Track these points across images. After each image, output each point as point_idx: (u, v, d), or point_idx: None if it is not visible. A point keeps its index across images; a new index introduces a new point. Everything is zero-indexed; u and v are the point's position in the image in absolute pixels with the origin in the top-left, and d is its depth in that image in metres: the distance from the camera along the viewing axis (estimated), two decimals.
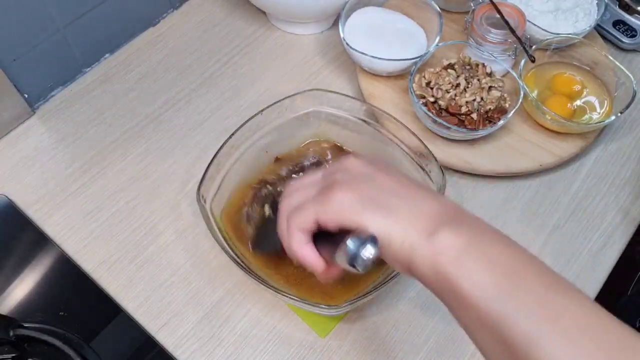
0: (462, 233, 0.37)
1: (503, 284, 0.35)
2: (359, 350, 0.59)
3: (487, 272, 0.35)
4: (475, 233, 0.38)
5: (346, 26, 0.76)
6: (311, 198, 0.42)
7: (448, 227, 0.37)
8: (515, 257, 0.37)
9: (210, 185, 0.61)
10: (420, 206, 0.39)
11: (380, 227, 0.39)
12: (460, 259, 0.36)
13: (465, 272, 0.36)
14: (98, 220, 0.67)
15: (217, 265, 0.64)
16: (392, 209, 0.39)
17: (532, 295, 0.34)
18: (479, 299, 0.35)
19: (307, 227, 0.42)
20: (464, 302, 0.36)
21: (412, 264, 0.38)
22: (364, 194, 0.40)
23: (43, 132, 0.74)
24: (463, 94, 0.68)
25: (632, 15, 0.82)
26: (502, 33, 0.72)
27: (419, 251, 0.37)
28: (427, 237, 0.37)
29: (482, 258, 0.36)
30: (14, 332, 0.56)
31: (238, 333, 0.60)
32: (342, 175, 0.42)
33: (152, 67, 0.80)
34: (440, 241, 0.37)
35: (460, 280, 0.36)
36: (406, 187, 0.41)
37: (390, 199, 0.40)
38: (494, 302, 0.34)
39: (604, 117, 0.72)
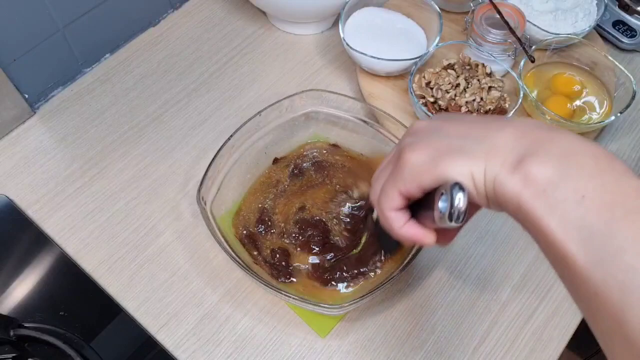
0: (550, 160, 0.33)
1: (595, 222, 0.30)
2: (359, 350, 0.59)
3: (578, 209, 0.31)
4: (566, 159, 0.33)
5: (346, 26, 0.76)
6: (389, 176, 0.40)
7: (534, 157, 0.33)
8: (620, 187, 0.31)
9: (210, 186, 0.61)
10: (499, 140, 0.35)
11: (460, 171, 0.35)
12: (547, 190, 0.32)
13: (553, 210, 0.31)
14: (98, 220, 0.67)
15: (217, 265, 0.64)
16: (467, 151, 0.36)
17: (630, 239, 0.29)
18: (566, 240, 0.31)
19: (397, 205, 0.40)
20: (550, 243, 0.32)
21: (502, 200, 0.35)
22: (433, 148, 0.37)
23: (43, 132, 0.74)
24: (463, 94, 0.68)
25: (632, 15, 0.82)
26: (501, 33, 0.72)
27: (505, 186, 0.34)
28: (511, 169, 0.34)
29: (572, 191, 0.31)
30: (14, 332, 0.57)
31: (238, 333, 0.60)
32: (408, 139, 0.39)
33: (152, 67, 0.80)
34: (526, 173, 0.33)
35: (547, 219, 0.31)
36: (478, 127, 0.37)
37: (462, 143, 0.36)
38: (587, 244, 0.30)
39: (603, 117, 0.72)
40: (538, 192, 0.32)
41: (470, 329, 0.60)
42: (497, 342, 0.60)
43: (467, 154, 0.36)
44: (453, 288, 0.63)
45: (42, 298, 0.62)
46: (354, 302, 0.54)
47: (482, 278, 0.63)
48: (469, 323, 0.61)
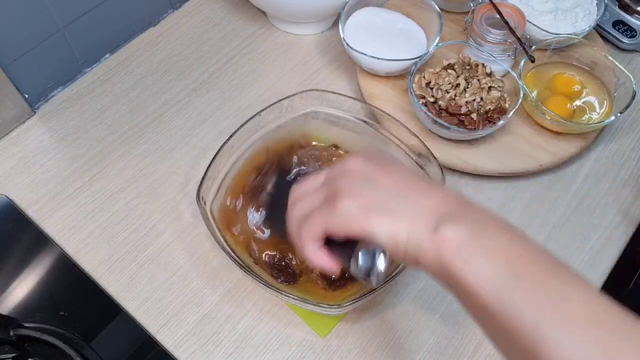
0: (463, 226, 0.37)
1: (504, 273, 0.35)
2: (359, 350, 0.59)
3: (488, 263, 0.36)
4: (477, 224, 0.38)
5: (346, 26, 0.76)
6: (317, 207, 0.43)
7: (449, 221, 0.38)
8: (517, 246, 0.37)
9: (210, 187, 0.61)
10: (422, 203, 0.40)
11: (386, 231, 0.39)
12: (461, 251, 0.37)
13: (467, 264, 0.36)
14: (98, 220, 0.67)
15: (217, 265, 0.64)
16: (395, 211, 0.40)
17: (533, 284, 0.35)
18: (482, 290, 0.35)
19: (317, 237, 0.43)
20: (469, 294, 0.36)
21: (419, 259, 0.39)
22: (366, 201, 0.41)
23: (43, 132, 0.74)
24: (463, 94, 0.68)
25: (632, 15, 0.82)
26: (501, 33, 0.72)
27: (424, 246, 0.38)
28: (430, 232, 0.38)
29: (483, 249, 0.37)
30: (14, 332, 0.57)
31: (238, 333, 0.60)
32: (344, 181, 0.42)
33: (152, 67, 0.80)
34: (442, 235, 0.37)
35: (463, 273, 0.36)
36: (407, 185, 0.42)
37: (392, 201, 0.40)
38: (496, 292, 0.35)
39: (603, 117, 0.72)
40: (454, 250, 0.37)
41: (471, 329, 0.60)
42: None
43: (393, 214, 0.40)
44: None
45: (42, 298, 0.62)
46: (353, 302, 0.54)
47: None
48: (470, 323, 0.61)
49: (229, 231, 0.61)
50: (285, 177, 0.65)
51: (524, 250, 0.37)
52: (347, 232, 0.41)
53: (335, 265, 0.44)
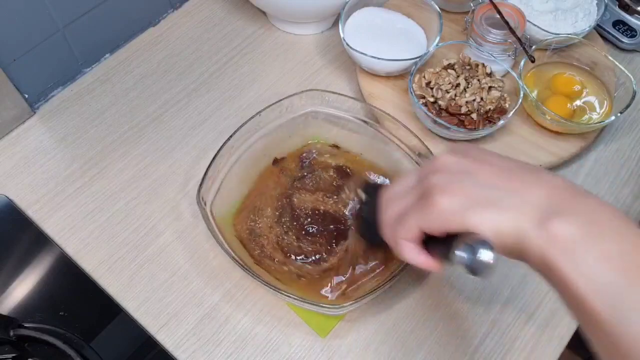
0: (576, 222, 0.35)
1: (619, 280, 0.33)
2: (359, 350, 0.59)
3: (602, 266, 0.33)
4: (592, 220, 0.35)
5: (346, 26, 0.76)
6: (411, 207, 0.41)
7: (559, 216, 0.35)
8: (634, 248, 0.34)
9: (210, 187, 0.61)
10: (529, 196, 0.37)
11: (489, 225, 0.37)
12: (570, 251, 0.34)
13: (577, 267, 0.34)
14: (98, 221, 0.67)
15: (217, 265, 0.64)
16: (498, 204, 0.37)
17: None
18: (591, 296, 0.33)
19: (415, 238, 0.41)
20: (574, 297, 0.34)
21: (524, 254, 0.37)
22: (465, 195, 0.38)
23: (43, 132, 0.74)
24: (463, 94, 0.68)
25: (632, 15, 0.82)
26: (501, 33, 0.72)
27: (530, 241, 0.36)
28: (538, 225, 0.35)
29: (595, 251, 0.34)
30: (14, 332, 0.57)
31: (238, 333, 0.60)
32: (438, 177, 0.40)
33: (152, 67, 0.80)
34: (550, 231, 0.35)
35: (571, 275, 0.34)
36: (508, 177, 0.39)
37: (494, 194, 0.38)
38: (610, 301, 0.32)
39: (603, 117, 0.72)
40: (563, 249, 0.34)
41: (471, 328, 0.60)
42: (498, 342, 0.60)
43: (497, 207, 0.37)
44: (453, 288, 0.63)
45: (42, 298, 0.62)
46: (354, 302, 0.54)
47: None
48: (469, 323, 0.61)
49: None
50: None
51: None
52: (447, 229, 0.39)
53: (435, 263, 0.42)
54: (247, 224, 0.63)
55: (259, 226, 0.62)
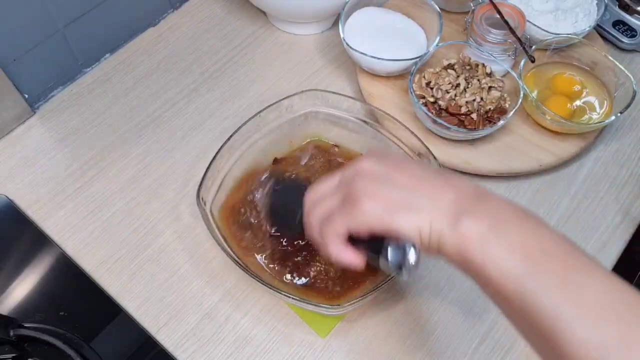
0: (483, 219, 0.39)
1: (523, 266, 0.37)
2: (359, 350, 0.59)
3: (509, 255, 0.38)
4: (497, 216, 0.40)
5: (346, 26, 0.76)
6: (336, 208, 0.44)
7: (468, 215, 0.40)
8: (537, 237, 0.39)
9: (210, 187, 0.61)
10: (441, 200, 0.41)
11: (411, 226, 0.41)
12: (483, 244, 0.38)
13: (488, 258, 0.38)
14: (98, 221, 0.67)
15: (217, 265, 0.64)
16: (416, 207, 0.41)
17: (553, 274, 0.37)
18: (503, 281, 0.37)
19: (341, 235, 0.44)
20: (491, 285, 0.38)
21: (442, 251, 0.41)
22: (387, 199, 0.42)
23: (43, 132, 0.74)
24: (463, 94, 0.68)
25: (632, 15, 0.82)
26: (502, 33, 0.72)
27: (446, 240, 0.40)
28: (451, 226, 0.40)
29: (504, 242, 0.38)
30: (14, 332, 0.57)
31: (238, 333, 0.60)
32: (361, 182, 0.43)
33: (152, 67, 0.80)
34: (462, 230, 0.39)
35: (485, 265, 0.38)
36: (423, 181, 0.43)
37: (412, 198, 0.42)
38: (518, 284, 0.37)
39: (603, 117, 0.72)
40: (474, 244, 0.39)
41: (471, 329, 0.60)
42: (498, 342, 0.60)
43: (416, 211, 0.41)
44: (453, 288, 0.63)
45: (42, 298, 0.62)
46: (353, 302, 0.54)
47: None
48: (469, 323, 0.61)
49: (230, 231, 0.61)
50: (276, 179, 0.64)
51: (542, 241, 0.38)
52: (370, 230, 0.42)
53: (361, 260, 0.45)
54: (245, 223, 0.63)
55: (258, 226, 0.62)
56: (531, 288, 0.36)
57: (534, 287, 0.36)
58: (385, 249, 0.43)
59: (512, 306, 0.38)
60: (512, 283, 0.37)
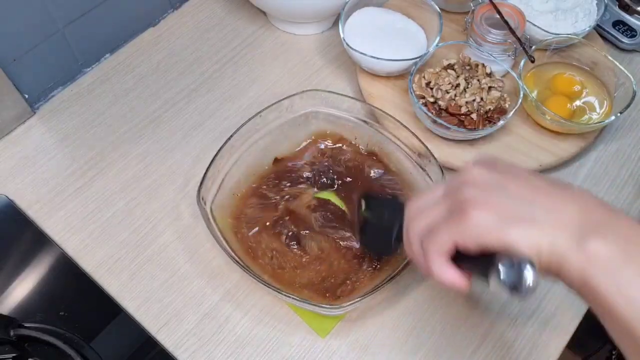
0: (614, 241, 0.34)
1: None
2: (359, 350, 0.59)
3: (637, 287, 0.33)
4: (630, 240, 0.35)
5: (346, 26, 0.76)
6: (442, 220, 0.40)
7: (596, 234, 0.35)
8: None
9: (210, 187, 0.61)
10: (563, 212, 0.37)
11: (529, 243, 0.36)
12: (613, 270, 0.34)
13: (619, 286, 0.34)
14: (98, 221, 0.67)
15: (217, 265, 0.64)
16: (535, 220, 0.37)
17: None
18: (633, 317, 0.33)
19: (446, 253, 0.40)
20: (616, 318, 0.34)
21: (561, 272, 0.36)
22: (501, 210, 0.37)
23: (43, 132, 0.74)
24: (463, 94, 0.68)
25: (632, 15, 0.82)
26: (501, 33, 0.72)
27: (569, 260, 0.35)
28: (576, 244, 0.35)
29: (635, 268, 0.34)
30: (15, 332, 0.57)
31: (238, 333, 0.60)
32: (471, 191, 0.39)
33: (152, 67, 0.80)
34: (591, 251, 0.34)
35: (613, 295, 0.33)
36: (542, 192, 0.38)
37: (529, 210, 0.37)
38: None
39: (603, 117, 0.72)
40: (604, 270, 0.34)
41: (471, 329, 0.60)
42: (497, 342, 0.60)
43: (534, 224, 0.36)
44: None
45: (42, 298, 0.62)
46: (353, 302, 0.54)
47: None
48: (469, 323, 0.61)
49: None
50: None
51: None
52: (481, 245, 0.38)
53: (466, 281, 0.41)
54: (246, 224, 0.63)
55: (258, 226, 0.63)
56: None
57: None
58: (496, 267, 0.37)
59: (636, 343, 0.33)
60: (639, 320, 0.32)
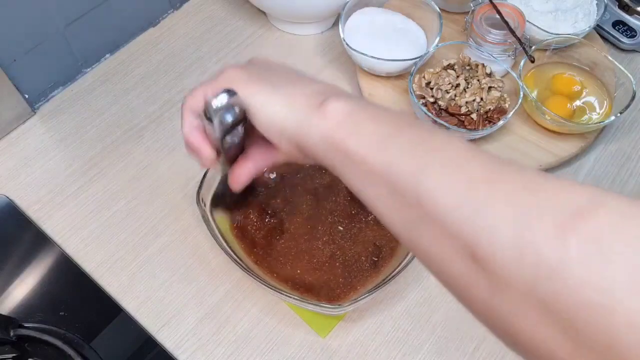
0: (349, 101, 0.38)
1: (386, 131, 0.36)
2: (359, 350, 0.59)
3: (372, 127, 0.36)
4: (363, 102, 0.39)
5: (346, 26, 0.76)
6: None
7: (336, 97, 0.38)
8: (400, 117, 0.38)
9: (210, 187, 0.61)
10: (310, 86, 0.40)
11: (264, 99, 0.39)
12: (347, 120, 0.37)
13: (352, 131, 0.36)
14: (98, 221, 0.67)
15: (217, 265, 0.64)
16: (281, 87, 0.40)
17: (414, 137, 0.35)
18: (366, 153, 0.35)
19: (197, 106, 0.42)
20: (354, 161, 0.36)
21: (301, 136, 0.38)
22: (253, 72, 0.41)
23: (43, 132, 0.74)
24: (463, 95, 0.68)
25: (632, 15, 0.82)
26: (501, 33, 0.72)
27: (307, 121, 0.38)
28: (315, 107, 0.38)
29: (368, 117, 0.37)
30: (15, 332, 0.57)
31: (238, 333, 0.60)
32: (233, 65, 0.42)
33: (152, 67, 0.80)
34: (328, 109, 0.37)
35: (348, 140, 0.36)
36: (300, 76, 0.42)
37: (280, 80, 0.40)
38: (379, 152, 0.35)
39: (603, 117, 0.72)
40: (340, 120, 0.37)
41: (470, 329, 0.60)
42: (497, 342, 0.59)
43: (278, 89, 0.39)
44: None
45: (42, 298, 0.62)
46: (353, 302, 0.54)
47: None
48: (469, 323, 0.60)
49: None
50: None
51: (407, 119, 0.37)
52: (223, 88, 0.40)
53: (206, 147, 0.43)
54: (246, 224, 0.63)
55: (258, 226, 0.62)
56: (393, 153, 0.34)
57: (395, 151, 0.34)
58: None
59: (375, 182, 0.35)
60: (374, 153, 0.35)
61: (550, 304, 0.26)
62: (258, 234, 0.62)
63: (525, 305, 0.28)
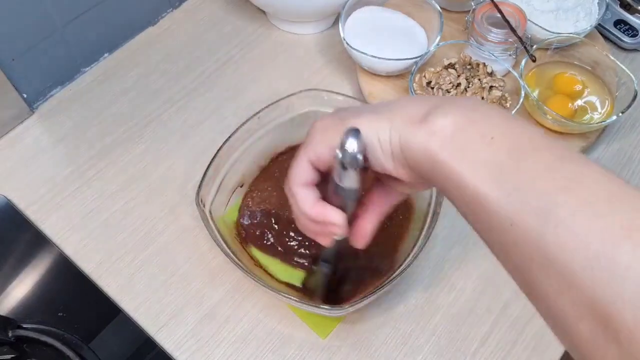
0: (455, 112, 0.33)
1: (505, 157, 0.30)
2: (359, 351, 0.59)
3: (485, 148, 0.31)
4: (470, 110, 0.33)
5: (346, 26, 0.75)
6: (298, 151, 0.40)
7: (440, 109, 0.33)
8: (517, 131, 0.32)
9: (209, 188, 0.60)
10: (406, 106, 0.36)
11: (365, 125, 0.35)
12: (454, 138, 0.32)
13: (460, 152, 0.32)
14: (97, 221, 0.66)
15: (217, 265, 0.63)
16: (374, 112, 0.36)
17: (540, 167, 0.30)
18: (478, 178, 0.31)
19: (306, 178, 0.39)
20: (462, 188, 0.31)
21: (406, 155, 0.35)
22: (341, 114, 0.38)
23: (42, 132, 0.73)
24: (464, 94, 0.68)
25: (633, 14, 0.81)
26: (502, 32, 0.71)
27: (410, 138, 0.34)
28: (417, 123, 0.34)
29: (479, 134, 0.32)
30: (13, 333, 0.56)
31: (238, 334, 0.60)
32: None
33: (152, 66, 0.79)
34: (431, 124, 0.33)
35: (455, 162, 0.32)
36: (403, 98, 0.39)
37: (377, 107, 0.37)
38: (492, 193, 0.30)
39: (605, 117, 0.72)
40: (446, 139, 0.32)
41: (471, 330, 0.60)
42: (498, 343, 0.59)
43: (373, 115, 0.36)
44: (454, 289, 0.62)
45: (40, 299, 0.61)
46: (354, 303, 0.54)
47: (483, 279, 0.63)
48: (470, 325, 0.60)
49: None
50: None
51: (526, 135, 0.31)
52: (329, 145, 0.37)
53: (337, 212, 0.38)
54: (246, 224, 0.63)
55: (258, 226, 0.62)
56: (518, 182, 0.29)
57: (522, 180, 0.29)
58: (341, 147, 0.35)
59: (488, 212, 0.30)
60: (491, 179, 0.30)
61: None
62: (258, 234, 0.61)
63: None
